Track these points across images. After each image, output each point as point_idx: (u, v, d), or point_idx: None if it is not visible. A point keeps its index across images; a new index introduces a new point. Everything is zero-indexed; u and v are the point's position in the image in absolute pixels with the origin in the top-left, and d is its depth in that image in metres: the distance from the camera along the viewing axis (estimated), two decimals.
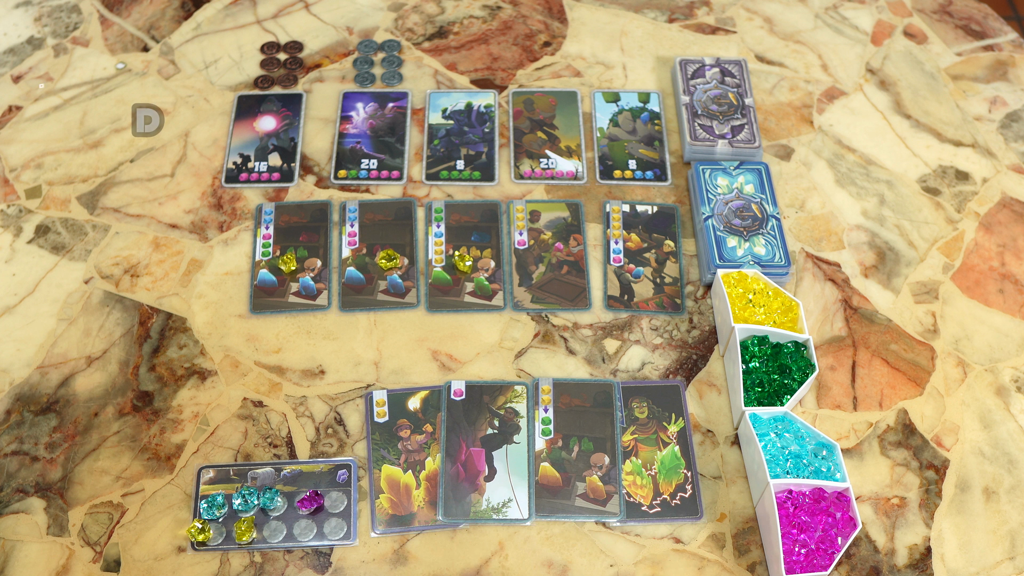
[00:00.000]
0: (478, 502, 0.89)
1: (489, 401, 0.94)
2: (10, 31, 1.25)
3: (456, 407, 0.93)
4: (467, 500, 0.89)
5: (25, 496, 0.90)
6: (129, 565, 0.86)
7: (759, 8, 1.29)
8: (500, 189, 1.11)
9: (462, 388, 0.94)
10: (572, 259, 1.05)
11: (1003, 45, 1.26)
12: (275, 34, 1.25)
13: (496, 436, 0.92)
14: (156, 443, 0.93)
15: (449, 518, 0.88)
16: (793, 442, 0.89)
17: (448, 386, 0.94)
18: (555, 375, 0.97)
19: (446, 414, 0.93)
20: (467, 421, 0.93)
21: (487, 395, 0.94)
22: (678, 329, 1.01)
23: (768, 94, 1.19)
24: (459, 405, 0.93)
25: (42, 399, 0.95)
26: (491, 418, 0.93)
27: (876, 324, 1.02)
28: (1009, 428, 0.96)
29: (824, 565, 0.84)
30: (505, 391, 0.95)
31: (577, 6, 1.28)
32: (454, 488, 0.89)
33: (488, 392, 0.94)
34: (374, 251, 1.05)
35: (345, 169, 1.12)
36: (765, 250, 1.02)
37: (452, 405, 0.93)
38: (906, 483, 0.92)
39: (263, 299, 1.02)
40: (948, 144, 1.16)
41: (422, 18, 1.26)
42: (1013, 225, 1.09)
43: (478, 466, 0.90)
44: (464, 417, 0.93)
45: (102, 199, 1.09)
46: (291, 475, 0.91)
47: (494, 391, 0.94)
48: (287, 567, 0.87)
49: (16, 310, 1.01)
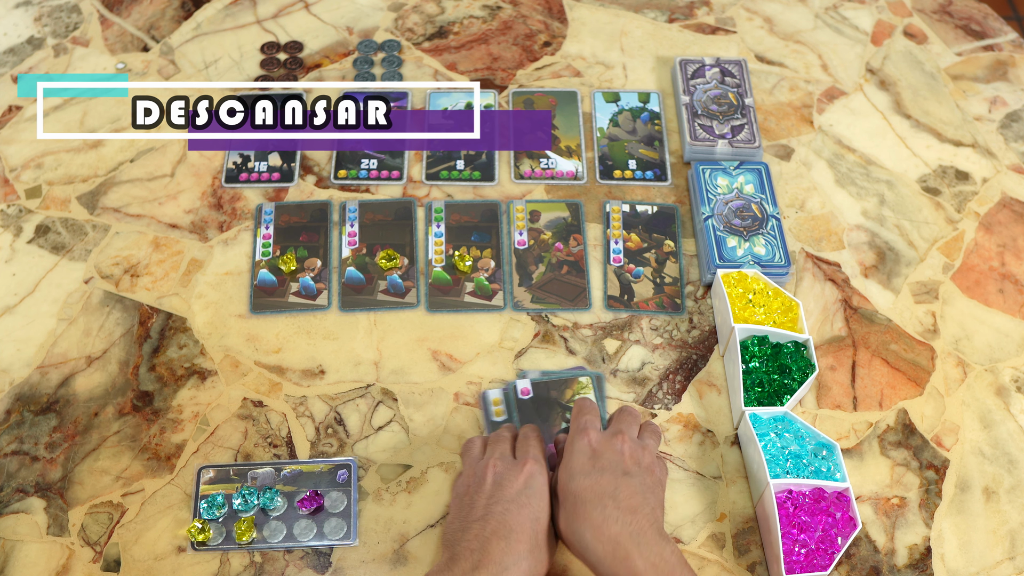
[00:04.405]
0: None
1: (558, 396, 0.94)
2: (10, 31, 1.25)
3: (527, 406, 0.93)
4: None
5: (25, 496, 0.90)
6: (129, 565, 0.87)
7: (759, 8, 1.29)
8: (500, 189, 1.11)
9: (528, 387, 0.94)
10: (572, 259, 1.05)
11: (1003, 45, 1.26)
12: (275, 34, 1.25)
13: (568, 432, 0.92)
14: (156, 443, 0.93)
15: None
16: (793, 442, 0.89)
17: (514, 387, 0.94)
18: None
19: (519, 415, 0.92)
20: (540, 418, 0.93)
21: (554, 390, 0.94)
22: (678, 329, 1.01)
23: (768, 94, 1.19)
24: (529, 404, 0.93)
25: (42, 399, 0.95)
26: (563, 412, 0.93)
27: (876, 324, 1.02)
28: (1009, 428, 0.96)
29: (824, 565, 0.84)
30: (571, 384, 0.95)
31: (577, 6, 1.28)
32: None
33: (554, 387, 0.94)
34: (374, 251, 1.05)
35: (345, 169, 1.12)
36: (765, 250, 1.02)
37: (522, 405, 0.93)
38: (906, 483, 0.92)
39: (263, 299, 1.02)
40: (948, 144, 1.16)
41: (422, 18, 1.26)
42: (1013, 225, 1.09)
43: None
44: (536, 415, 0.93)
45: (102, 199, 1.09)
46: (291, 475, 0.91)
47: (560, 385, 0.95)
48: (287, 567, 0.87)
49: (16, 310, 1.01)
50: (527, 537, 0.76)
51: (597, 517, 0.74)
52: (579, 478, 0.78)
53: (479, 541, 0.76)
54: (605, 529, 0.74)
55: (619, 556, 0.72)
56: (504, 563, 0.74)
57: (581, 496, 0.77)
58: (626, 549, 0.72)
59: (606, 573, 0.73)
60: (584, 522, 0.75)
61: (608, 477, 0.77)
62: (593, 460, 0.80)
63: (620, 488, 0.76)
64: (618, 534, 0.73)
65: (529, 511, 0.77)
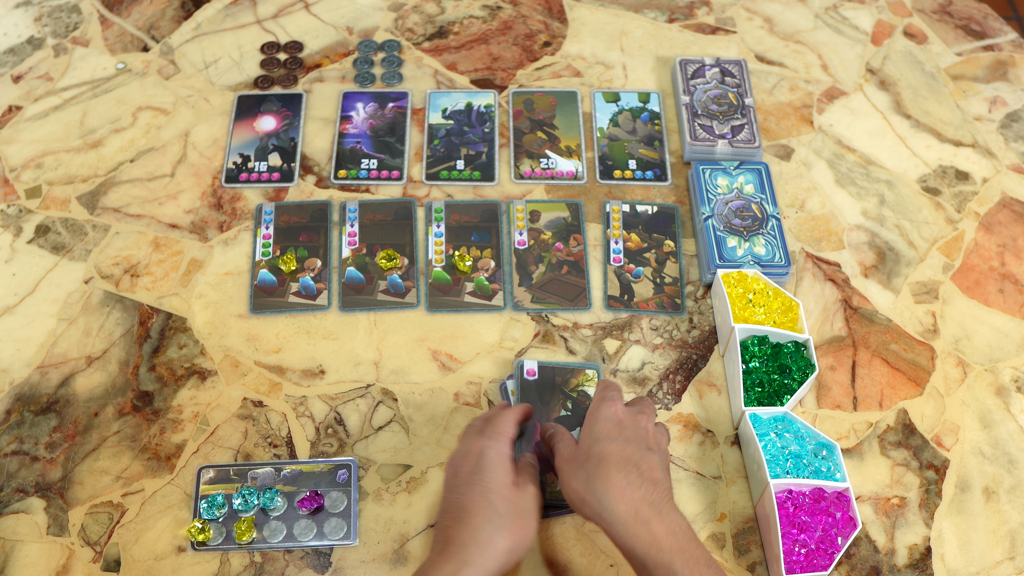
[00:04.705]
0: (553, 483, 0.88)
1: (562, 383, 0.94)
2: (10, 31, 1.25)
3: (529, 387, 0.93)
4: (543, 480, 0.88)
5: (25, 496, 0.90)
6: (129, 565, 0.87)
7: (759, 8, 1.29)
8: (500, 189, 1.11)
9: (535, 368, 0.94)
10: (572, 259, 1.05)
11: (1003, 45, 1.26)
12: (275, 34, 1.25)
13: (569, 419, 0.92)
14: (156, 443, 0.93)
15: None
16: (793, 442, 0.89)
17: (521, 365, 0.94)
18: None
19: (520, 394, 0.92)
20: (541, 402, 0.93)
21: (559, 376, 0.94)
22: (678, 329, 1.01)
23: (768, 94, 1.19)
24: (532, 385, 0.93)
25: (42, 399, 0.95)
26: (564, 400, 0.93)
27: (876, 324, 1.02)
28: (1009, 428, 0.96)
29: (824, 565, 0.84)
30: (576, 374, 0.95)
31: (577, 6, 1.28)
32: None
33: (560, 374, 0.94)
34: (374, 251, 1.05)
35: (345, 169, 1.12)
36: (765, 250, 1.02)
37: (525, 385, 0.93)
38: (906, 483, 0.92)
39: (263, 299, 1.02)
40: (948, 144, 1.16)
41: (422, 18, 1.26)
42: (1013, 225, 1.09)
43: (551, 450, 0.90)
44: (538, 397, 0.93)
45: (102, 199, 1.09)
46: (291, 475, 0.91)
47: (566, 373, 0.95)
48: (287, 567, 0.87)
49: (16, 310, 1.01)
50: (481, 511, 0.77)
51: (621, 480, 0.76)
52: (604, 442, 0.80)
53: (442, 532, 0.78)
54: (629, 492, 0.76)
55: (641, 519, 0.74)
56: (462, 541, 0.75)
57: (606, 459, 0.78)
58: (647, 514, 0.74)
59: (623, 533, 0.75)
60: (607, 483, 0.77)
61: (633, 447, 0.80)
62: (619, 428, 0.82)
63: (643, 460, 0.78)
64: (641, 499, 0.75)
65: (479, 486, 0.79)
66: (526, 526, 0.78)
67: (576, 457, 0.81)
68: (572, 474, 0.80)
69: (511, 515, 0.77)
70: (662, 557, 0.73)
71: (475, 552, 0.74)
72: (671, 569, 0.72)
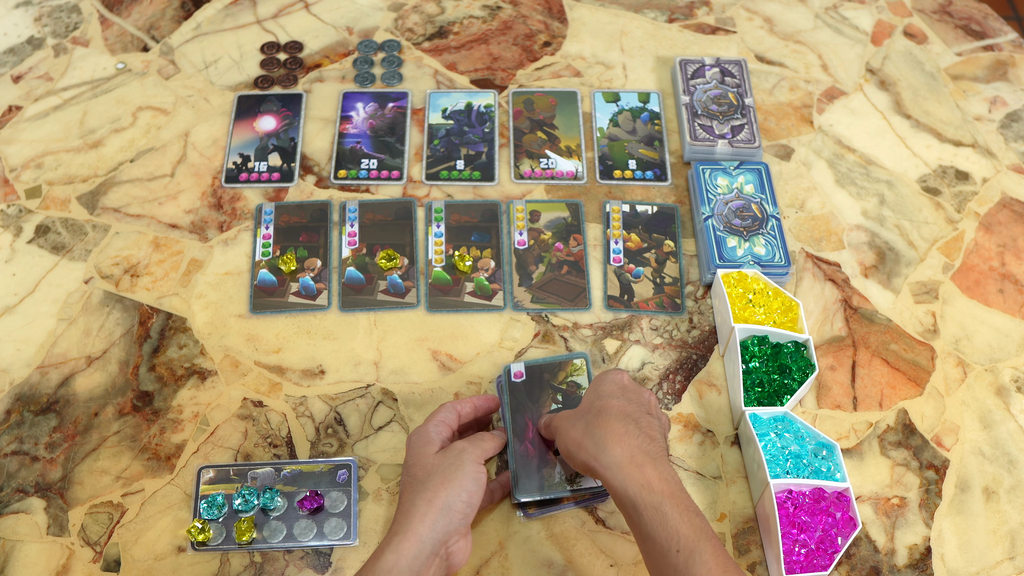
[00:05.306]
0: (550, 476, 0.89)
1: (550, 378, 0.94)
2: (10, 31, 1.25)
3: (518, 389, 0.93)
4: (540, 475, 0.89)
5: (25, 496, 0.90)
6: (129, 565, 0.87)
7: (759, 8, 1.29)
8: (500, 189, 1.11)
9: (522, 370, 0.94)
10: (572, 259, 1.05)
11: (1003, 45, 1.26)
12: (275, 34, 1.25)
13: (561, 410, 0.92)
14: (156, 443, 0.93)
15: (524, 495, 0.88)
16: (793, 442, 0.89)
17: (508, 370, 0.94)
18: None
19: (509, 396, 0.93)
20: (530, 400, 0.93)
21: (547, 373, 0.94)
22: (678, 329, 1.01)
23: (768, 94, 1.19)
24: (521, 386, 0.94)
25: (42, 399, 0.95)
26: (553, 394, 0.93)
27: (876, 324, 1.02)
28: (1009, 428, 0.96)
29: (824, 565, 0.84)
30: (565, 366, 0.95)
31: (577, 6, 1.28)
32: (524, 466, 0.89)
33: (548, 370, 0.94)
34: (374, 251, 1.05)
35: (345, 169, 1.12)
36: (765, 250, 1.02)
37: (514, 387, 0.93)
38: (906, 483, 0.92)
39: (263, 299, 1.02)
40: (948, 144, 1.16)
41: (422, 18, 1.26)
42: (1013, 225, 1.09)
43: (546, 442, 0.90)
44: (527, 397, 0.93)
45: (102, 199, 1.09)
46: (291, 475, 0.91)
47: (554, 368, 0.95)
48: (287, 567, 0.87)
49: (16, 310, 1.01)
50: (407, 488, 0.82)
51: (620, 428, 0.79)
52: (608, 399, 0.83)
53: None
54: (627, 439, 0.79)
55: (636, 462, 0.77)
56: (395, 520, 0.80)
57: (608, 410, 0.81)
58: (641, 459, 0.77)
59: (617, 474, 0.77)
60: (606, 429, 0.80)
61: (635, 407, 0.82)
62: (623, 391, 0.85)
63: (643, 420, 0.81)
64: (637, 447, 0.78)
65: (404, 471, 0.84)
66: (450, 478, 0.81)
67: (577, 411, 0.84)
68: (572, 424, 0.83)
69: (431, 475, 0.81)
70: (653, 499, 0.75)
71: (402, 522, 0.79)
72: (661, 511, 0.74)
